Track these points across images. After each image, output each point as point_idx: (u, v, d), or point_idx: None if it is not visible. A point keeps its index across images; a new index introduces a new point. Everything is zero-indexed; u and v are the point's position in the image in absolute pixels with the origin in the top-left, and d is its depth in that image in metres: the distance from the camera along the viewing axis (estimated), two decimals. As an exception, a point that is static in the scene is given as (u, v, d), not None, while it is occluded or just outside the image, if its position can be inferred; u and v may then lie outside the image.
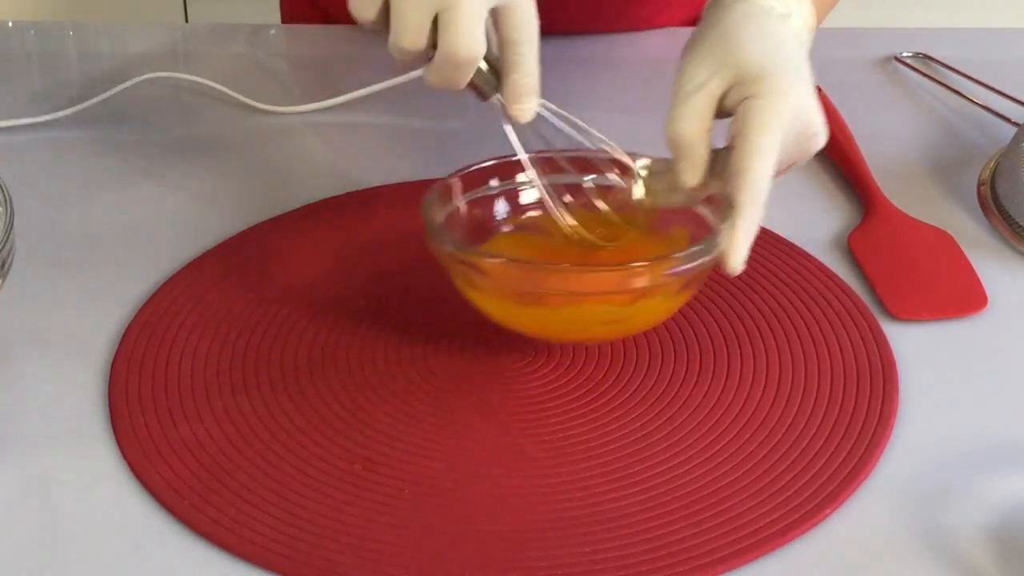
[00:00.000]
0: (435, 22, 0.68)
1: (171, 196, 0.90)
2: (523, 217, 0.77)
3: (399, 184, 0.90)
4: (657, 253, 0.71)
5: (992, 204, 0.86)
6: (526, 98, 0.71)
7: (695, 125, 0.71)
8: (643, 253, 0.71)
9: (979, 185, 0.88)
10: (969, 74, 1.02)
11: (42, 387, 0.73)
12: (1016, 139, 0.87)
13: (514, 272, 0.70)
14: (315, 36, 1.12)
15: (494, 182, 0.77)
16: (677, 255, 0.68)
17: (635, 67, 1.07)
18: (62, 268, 0.82)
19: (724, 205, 0.70)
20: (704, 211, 0.73)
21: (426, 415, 0.70)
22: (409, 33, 0.67)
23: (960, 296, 0.79)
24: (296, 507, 0.65)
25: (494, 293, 0.71)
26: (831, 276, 0.80)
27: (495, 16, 0.69)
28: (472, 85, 0.71)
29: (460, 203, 0.76)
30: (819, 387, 0.72)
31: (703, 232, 0.72)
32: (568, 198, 0.75)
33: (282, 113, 1.00)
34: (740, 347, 0.75)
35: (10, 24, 1.14)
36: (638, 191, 0.75)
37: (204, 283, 0.80)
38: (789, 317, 0.77)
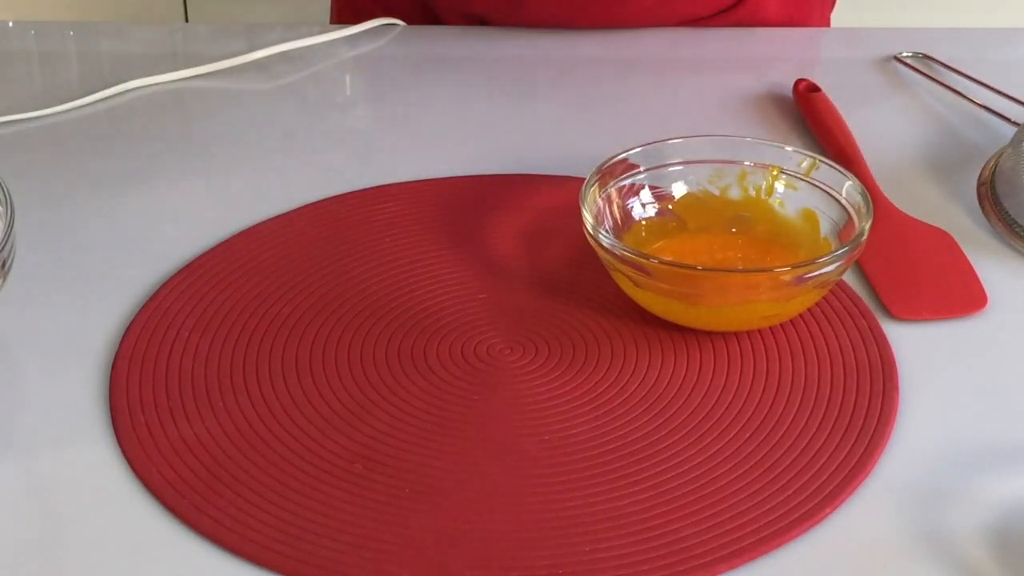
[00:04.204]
0: None
1: (171, 195, 0.90)
2: (659, 205, 0.82)
3: (401, 183, 0.90)
4: (796, 240, 0.79)
5: (992, 204, 0.86)
6: None
7: None
8: (786, 244, 0.79)
9: (979, 185, 0.88)
10: (969, 74, 1.02)
11: (42, 387, 0.73)
12: (1016, 139, 0.87)
13: (681, 275, 0.74)
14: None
15: (631, 172, 0.82)
16: (837, 252, 0.73)
17: (635, 67, 1.07)
18: (62, 267, 0.82)
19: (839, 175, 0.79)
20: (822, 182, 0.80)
21: (426, 415, 0.70)
22: None
23: (960, 296, 0.79)
24: (296, 506, 0.65)
25: (658, 292, 0.74)
26: (831, 276, 0.80)
27: None
28: None
29: (605, 195, 0.80)
30: (819, 386, 0.72)
31: (832, 208, 0.79)
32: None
33: (282, 112, 1.00)
34: (740, 346, 0.75)
35: (10, 24, 1.14)
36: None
37: (204, 282, 0.80)
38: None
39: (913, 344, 0.76)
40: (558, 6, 1.09)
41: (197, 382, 0.72)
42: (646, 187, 0.82)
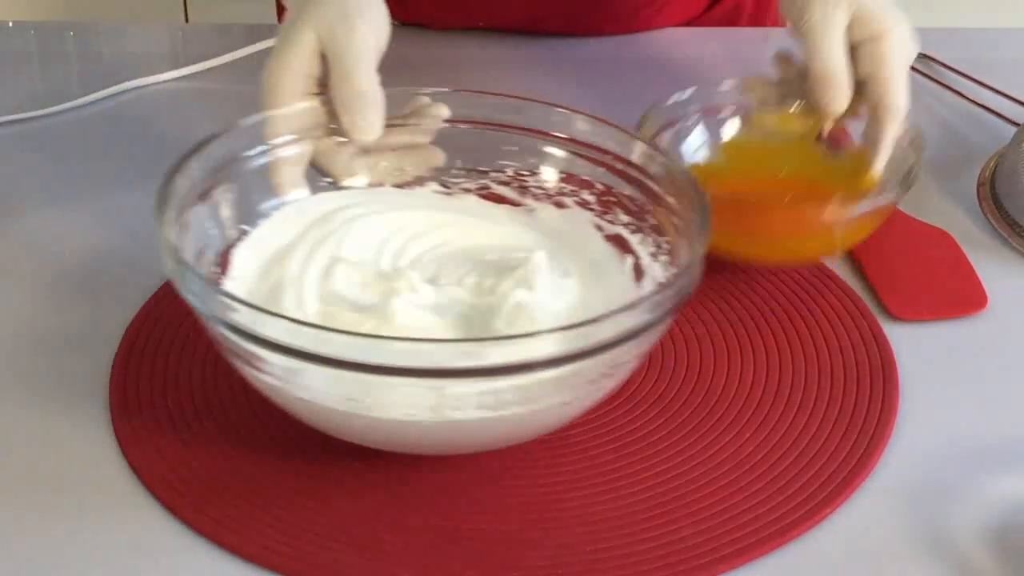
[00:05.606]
0: None
1: (171, 196, 0.89)
2: (707, 150, 0.83)
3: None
4: (847, 179, 0.79)
5: (992, 204, 0.86)
6: None
7: (841, 57, 0.79)
8: (833, 181, 0.80)
9: (979, 185, 0.88)
10: (969, 74, 1.02)
11: (42, 387, 0.73)
12: (1016, 139, 0.87)
13: (734, 206, 0.74)
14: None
15: (680, 118, 0.83)
16: (888, 186, 0.76)
17: (635, 68, 1.07)
18: (62, 268, 0.82)
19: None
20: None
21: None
22: None
23: (960, 296, 0.79)
24: (297, 507, 0.65)
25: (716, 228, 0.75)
26: (831, 276, 0.80)
27: None
28: None
29: (654, 141, 0.80)
30: (819, 387, 0.72)
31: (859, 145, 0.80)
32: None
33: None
34: (740, 347, 0.75)
35: (10, 24, 1.14)
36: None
37: (204, 283, 0.80)
38: (789, 317, 0.77)
39: (913, 344, 0.76)
40: (561, 17, 1.09)
41: (197, 382, 0.72)
42: (695, 131, 0.82)
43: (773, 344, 0.75)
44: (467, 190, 0.77)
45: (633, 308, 0.60)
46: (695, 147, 0.83)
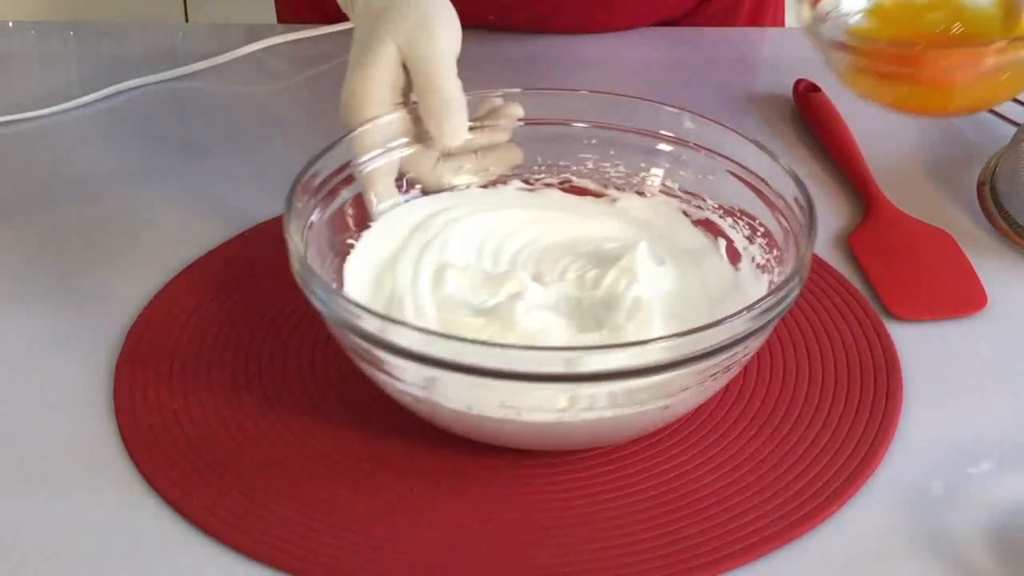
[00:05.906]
0: None
1: (172, 196, 0.90)
2: (866, 9, 0.85)
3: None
4: (1000, 27, 0.82)
5: (992, 204, 0.86)
6: None
7: None
8: (986, 31, 0.82)
9: (979, 185, 0.88)
10: (969, 74, 1.02)
11: (46, 388, 0.73)
12: (1016, 139, 0.87)
13: (896, 53, 0.78)
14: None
15: None
16: None
17: (634, 68, 1.07)
18: (65, 267, 0.82)
19: None
20: None
21: (429, 414, 0.71)
22: None
23: (960, 296, 0.80)
24: (303, 506, 0.65)
25: (873, 74, 0.79)
26: (833, 274, 0.81)
27: None
28: None
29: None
30: (823, 385, 0.72)
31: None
32: None
33: (282, 112, 1.00)
34: (742, 346, 0.75)
35: (10, 24, 1.14)
36: None
37: (209, 282, 0.80)
38: (792, 315, 0.77)
39: (913, 344, 0.76)
40: (543, 13, 1.09)
41: (202, 382, 0.72)
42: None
43: (776, 342, 0.75)
44: (549, 184, 0.79)
45: (757, 306, 0.62)
46: (850, 11, 0.84)
